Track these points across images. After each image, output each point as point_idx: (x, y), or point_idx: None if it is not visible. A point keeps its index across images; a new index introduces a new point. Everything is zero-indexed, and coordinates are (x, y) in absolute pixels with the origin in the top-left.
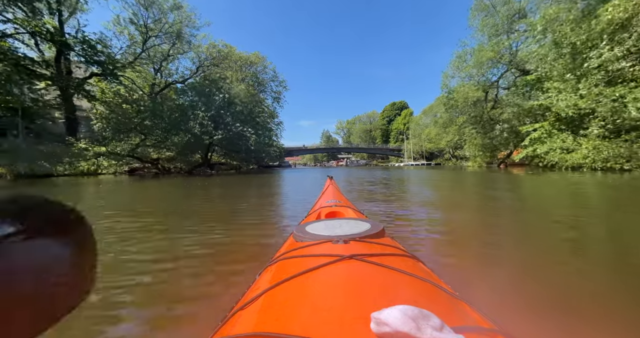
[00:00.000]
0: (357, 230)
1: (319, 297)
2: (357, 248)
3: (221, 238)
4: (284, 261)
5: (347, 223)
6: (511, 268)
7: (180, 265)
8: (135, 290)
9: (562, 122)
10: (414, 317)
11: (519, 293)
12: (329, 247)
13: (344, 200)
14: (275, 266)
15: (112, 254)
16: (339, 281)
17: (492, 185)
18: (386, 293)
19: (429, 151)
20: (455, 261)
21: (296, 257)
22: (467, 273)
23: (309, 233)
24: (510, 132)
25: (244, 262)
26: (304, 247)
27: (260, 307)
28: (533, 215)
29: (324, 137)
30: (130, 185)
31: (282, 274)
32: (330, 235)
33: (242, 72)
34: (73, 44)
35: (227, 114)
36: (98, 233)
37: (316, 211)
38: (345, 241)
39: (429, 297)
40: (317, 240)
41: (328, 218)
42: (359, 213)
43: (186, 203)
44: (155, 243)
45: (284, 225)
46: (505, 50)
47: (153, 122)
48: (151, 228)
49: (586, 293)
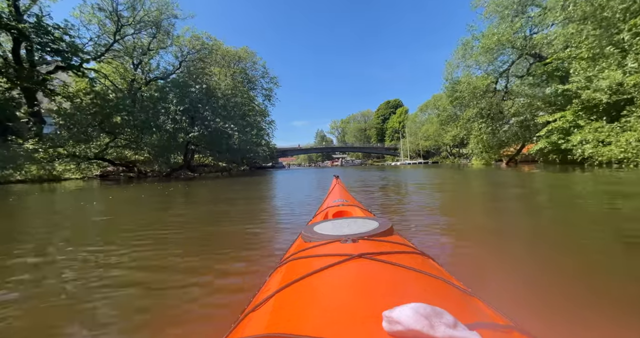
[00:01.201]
0: (366, 229)
1: (329, 296)
2: (366, 247)
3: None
4: (293, 262)
5: (355, 222)
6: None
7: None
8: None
9: (588, 111)
10: (426, 314)
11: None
12: (338, 247)
13: (351, 199)
14: (285, 267)
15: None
16: (349, 280)
17: (531, 192)
18: (397, 291)
19: (425, 149)
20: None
21: (305, 258)
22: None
23: (317, 234)
24: (521, 125)
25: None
26: (312, 247)
27: (272, 308)
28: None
29: (318, 137)
30: (72, 195)
31: (292, 275)
32: (339, 235)
33: (231, 68)
34: (25, 30)
35: (205, 108)
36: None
37: (323, 211)
38: (354, 240)
39: (441, 294)
40: (325, 240)
41: (336, 218)
42: (367, 211)
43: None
44: None
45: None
46: (518, 33)
47: (123, 119)
48: None
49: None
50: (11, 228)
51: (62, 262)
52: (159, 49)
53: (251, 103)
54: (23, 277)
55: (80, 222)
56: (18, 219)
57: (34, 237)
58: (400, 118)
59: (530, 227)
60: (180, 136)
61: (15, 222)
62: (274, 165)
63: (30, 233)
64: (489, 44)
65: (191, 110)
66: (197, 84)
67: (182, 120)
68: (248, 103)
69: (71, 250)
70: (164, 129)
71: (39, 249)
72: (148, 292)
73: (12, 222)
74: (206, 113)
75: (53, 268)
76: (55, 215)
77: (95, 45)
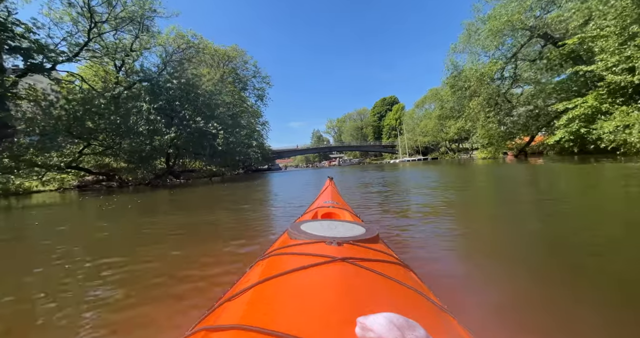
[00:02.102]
0: (352, 234)
1: (307, 296)
2: (350, 251)
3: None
4: (276, 257)
5: (343, 225)
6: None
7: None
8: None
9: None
10: (399, 325)
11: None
12: (322, 248)
13: (341, 202)
14: (266, 261)
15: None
16: (328, 282)
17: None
18: (374, 299)
19: (424, 145)
20: None
21: (288, 254)
22: None
23: (303, 232)
24: (530, 115)
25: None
26: (297, 244)
27: (248, 300)
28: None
29: (315, 137)
30: (23, 213)
31: (272, 270)
32: (325, 236)
33: (220, 68)
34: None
35: (184, 106)
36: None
37: (313, 210)
38: (339, 243)
39: (416, 306)
40: (311, 240)
41: (324, 219)
42: (355, 216)
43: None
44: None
45: None
46: (528, 12)
47: (95, 122)
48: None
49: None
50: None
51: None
52: (142, 49)
53: (243, 104)
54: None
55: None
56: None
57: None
58: (396, 115)
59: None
60: (156, 139)
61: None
62: (270, 168)
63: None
64: (497, 25)
65: (167, 109)
66: (173, 77)
67: (156, 120)
68: (240, 104)
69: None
70: (136, 132)
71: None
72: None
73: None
74: (185, 112)
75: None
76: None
77: (69, 44)
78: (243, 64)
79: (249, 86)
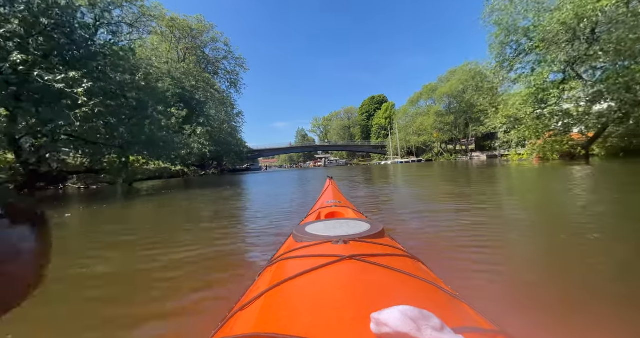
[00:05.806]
0: (357, 231)
1: (318, 297)
2: (356, 248)
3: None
4: (283, 262)
5: (347, 223)
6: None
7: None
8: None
9: None
10: (413, 317)
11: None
12: (329, 248)
13: (343, 201)
14: (275, 267)
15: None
16: (338, 281)
17: None
18: (386, 293)
19: (415, 146)
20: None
21: (296, 258)
22: None
23: (308, 234)
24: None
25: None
26: (303, 247)
27: (260, 307)
28: None
29: (299, 136)
30: None
31: (281, 275)
32: (330, 236)
33: (180, 43)
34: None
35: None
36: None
37: (316, 211)
38: (345, 241)
39: (429, 297)
40: (316, 241)
41: (328, 219)
42: (359, 213)
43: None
44: None
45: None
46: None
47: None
48: None
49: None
50: None
51: None
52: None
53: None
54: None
55: None
56: None
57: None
58: (386, 114)
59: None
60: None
61: None
62: (249, 168)
63: None
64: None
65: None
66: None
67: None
68: (205, 88)
69: None
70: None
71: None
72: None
73: None
74: (74, 73)
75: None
76: None
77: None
78: (212, 42)
79: (220, 69)
